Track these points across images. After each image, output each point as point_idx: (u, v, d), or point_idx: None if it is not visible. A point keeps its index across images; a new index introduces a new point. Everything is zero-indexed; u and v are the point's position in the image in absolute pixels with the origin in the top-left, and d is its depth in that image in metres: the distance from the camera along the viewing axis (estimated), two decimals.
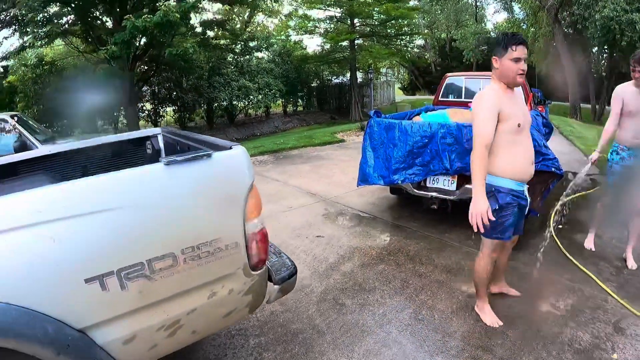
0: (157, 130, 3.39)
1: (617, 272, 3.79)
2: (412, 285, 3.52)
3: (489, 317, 3.02)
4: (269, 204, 5.46)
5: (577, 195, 5.65)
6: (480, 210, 2.49)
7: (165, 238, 1.79)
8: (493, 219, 2.53)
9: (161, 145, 3.33)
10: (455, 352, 2.71)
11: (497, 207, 2.66)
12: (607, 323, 3.05)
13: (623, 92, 3.68)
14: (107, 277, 1.64)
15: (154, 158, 3.24)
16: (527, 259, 4.01)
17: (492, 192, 2.66)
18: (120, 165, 2.31)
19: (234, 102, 17.70)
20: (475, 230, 2.55)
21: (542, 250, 3.64)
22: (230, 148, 2.02)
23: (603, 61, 24.66)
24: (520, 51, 2.58)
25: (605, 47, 22.40)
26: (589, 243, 4.20)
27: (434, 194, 4.42)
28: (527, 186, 2.81)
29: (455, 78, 6.61)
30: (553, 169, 3.91)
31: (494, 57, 2.66)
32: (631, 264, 3.77)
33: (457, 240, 4.37)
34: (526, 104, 5.93)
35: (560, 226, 4.74)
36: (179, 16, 10.60)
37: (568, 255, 4.12)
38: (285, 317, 3.06)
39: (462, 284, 3.56)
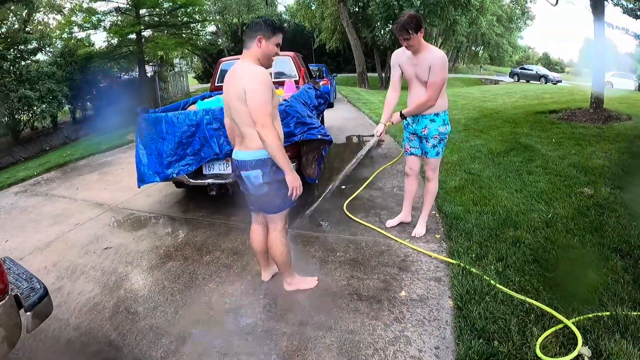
0: None
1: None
2: (201, 275, 3.50)
3: (305, 282, 3.15)
4: (55, 225, 4.96)
5: (388, 164, 6.12)
6: (298, 183, 2.68)
7: None
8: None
9: None
10: (249, 329, 2.77)
11: (283, 177, 2.69)
12: (392, 266, 3.37)
13: (398, 59, 3.58)
14: None
15: None
16: (309, 226, 4.24)
17: (269, 163, 2.65)
18: None
19: (16, 117, 15.51)
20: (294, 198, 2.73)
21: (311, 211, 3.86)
22: None
23: (386, 34, 26.96)
24: (280, 38, 2.67)
25: (389, 21, 24.51)
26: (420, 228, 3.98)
27: (211, 180, 4.39)
28: None
29: (230, 62, 6.62)
30: (319, 136, 4.13)
31: (259, 37, 2.59)
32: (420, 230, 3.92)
33: (242, 222, 4.42)
34: (299, 79, 6.20)
35: (343, 187, 5.09)
36: None
37: (347, 212, 4.46)
38: (81, 342, 2.81)
39: (249, 262, 3.65)
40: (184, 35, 20.45)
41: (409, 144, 3.81)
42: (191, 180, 4.41)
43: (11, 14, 18.27)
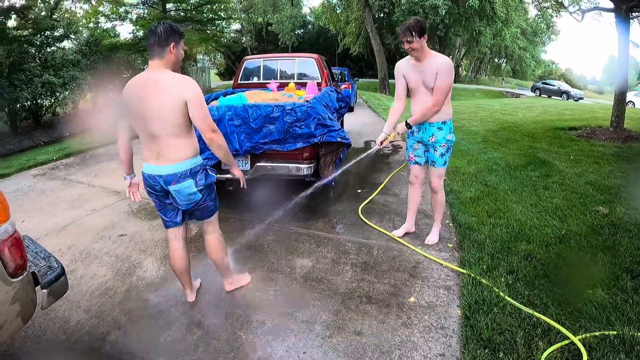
0: None
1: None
2: (213, 268, 3.48)
3: (242, 279, 3.24)
4: (71, 209, 5.07)
5: (399, 168, 6.16)
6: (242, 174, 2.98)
7: None
8: None
9: None
10: (258, 324, 2.81)
11: (212, 181, 2.77)
12: (403, 271, 3.39)
13: (402, 69, 3.63)
14: None
15: None
16: (324, 227, 4.27)
17: (198, 170, 2.65)
18: None
19: (39, 101, 15.74)
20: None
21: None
22: None
23: None
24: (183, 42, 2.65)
25: None
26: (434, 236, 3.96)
27: (229, 175, 4.42)
28: None
29: (254, 61, 6.66)
30: (339, 139, 4.17)
31: (172, 44, 2.49)
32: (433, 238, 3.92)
33: (257, 219, 4.48)
34: (321, 81, 6.25)
35: (359, 190, 5.12)
36: None
37: (362, 216, 4.49)
38: (91, 324, 2.87)
39: (261, 258, 3.70)
40: (208, 32, 20.65)
41: (413, 153, 3.78)
42: None
43: (39, 0, 18.54)
